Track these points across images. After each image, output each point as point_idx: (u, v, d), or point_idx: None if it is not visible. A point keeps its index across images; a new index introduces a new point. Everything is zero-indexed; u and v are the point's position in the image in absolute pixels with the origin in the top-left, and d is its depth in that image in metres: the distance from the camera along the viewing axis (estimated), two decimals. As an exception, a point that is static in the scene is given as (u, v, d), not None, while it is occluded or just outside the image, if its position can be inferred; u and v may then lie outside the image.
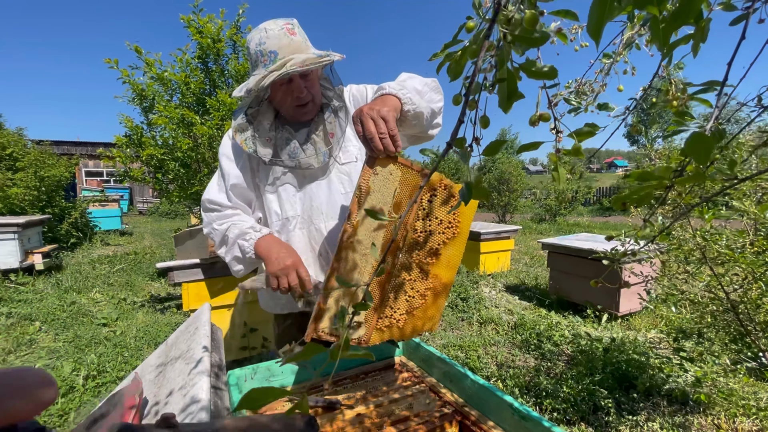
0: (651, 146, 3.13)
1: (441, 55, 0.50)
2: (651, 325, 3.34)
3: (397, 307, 0.98)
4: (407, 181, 0.94)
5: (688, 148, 0.28)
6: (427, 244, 0.98)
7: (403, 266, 0.97)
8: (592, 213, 15.02)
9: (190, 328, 1.27)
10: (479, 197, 0.32)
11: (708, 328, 2.04)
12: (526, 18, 0.31)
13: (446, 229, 1.00)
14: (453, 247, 1.02)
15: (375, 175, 0.89)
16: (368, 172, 0.88)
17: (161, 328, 3.40)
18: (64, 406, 2.20)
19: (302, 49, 1.10)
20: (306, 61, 1.04)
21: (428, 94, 1.14)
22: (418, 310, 1.00)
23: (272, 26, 1.09)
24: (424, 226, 0.98)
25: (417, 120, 1.06)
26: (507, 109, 0.34)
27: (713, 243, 1.72)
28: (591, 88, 0.77)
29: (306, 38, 1.15)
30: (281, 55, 1.07)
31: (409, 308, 0.99)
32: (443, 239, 1.00)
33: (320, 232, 1.21)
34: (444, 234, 1.00)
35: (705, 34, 0.37)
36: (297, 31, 1.12)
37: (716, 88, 0.41)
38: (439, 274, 1.01)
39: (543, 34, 0.32)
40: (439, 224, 0.99)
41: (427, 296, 1.00)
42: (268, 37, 1.08)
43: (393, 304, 0.97)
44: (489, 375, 2.55)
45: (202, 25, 3.55)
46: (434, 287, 1.01)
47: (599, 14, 0.27)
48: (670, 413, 2.07)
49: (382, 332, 0.97)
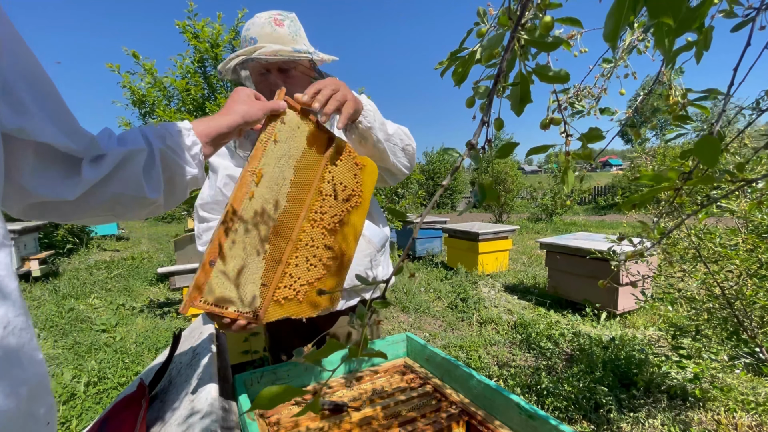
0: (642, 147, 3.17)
1: (447, 63, 0.52)
2: (649, 322, 3.37)
3: (297, 275, 0.88)
4: (314, 139, 0.88)
5: (695, 151, 0.30)
6: (332, 210, 0.93)
7: (306, 232, 0.89)
8: (587, 212, 15.11)
9: (194, 333, 1.27)
10: (491, 199, 0.34)
11: (705, 325, 2.07)
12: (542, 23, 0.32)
13: (350, 196, 0.96)
14: (356, 217, 0.98)
15: (282, 124, 0.82)
16: (276, 120, 0.81)
17: (161, 334, 3.39)
18: (65, 414, 2.18)
19: (284, 41, 1.06)
20: (278, 52, 1.00)
21: (396, 132, 1.13)
22: (319, 282, 0.93)
23: (262, 14, 1.07)
24: (329, 190, 0.92)
25: (363, 139, 1.04)
26: (519, 112, 0.36)
27: (707, 241, 1.74)
28: (590, 93, 0.79)
29: (298, 34, 1.11)
30: (260, 43, 1.04)
31: (311, 278, 0.90)
32: (348, 207, 0.95)
33: None
34: (348, 202, 0.95)
35: (708, 41, 0.39)
36: (287, 24, 1.08)
37: (716, 96, 0.43)
38: (342, 243, 0.96)
39: (556, 39, 0.33)
40: (344, 190, 0.95)
41: (330, 266, 0.93)
42: (253, 24, 1.06)
43: (294, 272, 0.87)
44: (490, 375, 2.56)
45: (198, 29, 3.55)
46: (337, 257, 0.95)
47: (615, 21, 0.28)
48: (671, 409, 2.09)
49: (280, 305, 0.87)
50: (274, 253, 0.85)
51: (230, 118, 0.74)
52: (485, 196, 0.35)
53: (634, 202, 0.34)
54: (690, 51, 0.42)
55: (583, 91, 0.85)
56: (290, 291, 0.87)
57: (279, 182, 0.83)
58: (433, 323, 3.78)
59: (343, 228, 0.95)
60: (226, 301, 0.77)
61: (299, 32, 1.11)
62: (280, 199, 0.84)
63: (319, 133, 0.90)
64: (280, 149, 0.82)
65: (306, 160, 0.87)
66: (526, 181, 14.01)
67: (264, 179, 0.80)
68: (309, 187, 0.89)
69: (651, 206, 2.21)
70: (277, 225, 0.84)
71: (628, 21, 0.27)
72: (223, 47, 3.73)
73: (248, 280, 0.80)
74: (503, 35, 0.37)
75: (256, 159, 0.78)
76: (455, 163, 0.34)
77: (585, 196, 16.04)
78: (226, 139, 0.76)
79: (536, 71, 0.34)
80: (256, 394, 1.08)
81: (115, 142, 0.61)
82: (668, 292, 2.10)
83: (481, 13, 0.52)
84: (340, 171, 0.94)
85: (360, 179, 0.98)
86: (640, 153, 2.95)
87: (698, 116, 0.85)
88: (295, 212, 0.87)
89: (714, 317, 2.01)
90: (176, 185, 0.70)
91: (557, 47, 0.34)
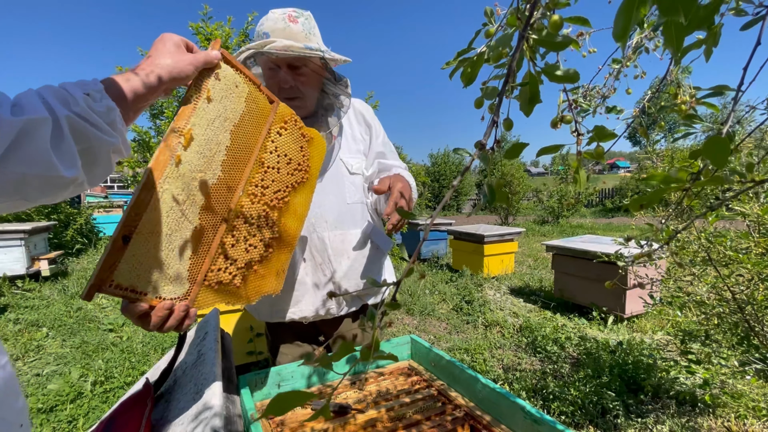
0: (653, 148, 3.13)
1: (454, 63, 0.51)
2: (657, 326, 3.32)
3: (234, 257, 0.77)
4: (255, 102, 0.78)
5: (704, 151, 0.29)
6: (276, 185, 0.83)
7: (245, 207, 0.78)
8: (594, 214, 14.98)
9: (199, 334, 1.28)
10: (501, 200, 0.33)
11: (715, 330, 2.03)
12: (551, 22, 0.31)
13: (295, 171, 0.87)
14: (301, 194, 0.90)
15: (217, 80, 0.71)
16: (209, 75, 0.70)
17: (167, 334, 3.41)
18: (72, 412, 2.20)
19: (297, 38, 1.04)
20: (289, 48, 0.98)
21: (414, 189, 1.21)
22: (260, 265, 0.82)
23: (277, 11, 1.06)
24: (272, 162, 0.83)
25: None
26: (529, 113, 0.35)
27: (718, 245, 1.72)
28: (599, 92, 0.78)
29: (312, 32, 1.09)
30: (272, 38, 1.03)
31: (250, 261, 0.80)
32: (292, 182, 0.86)
33: (322, 241, 1.16)
34: (293, 176, 0.86)
35: (717, 39, 0.38)
36: (301, 21, 1.07)
37: (724, 93, 0.42)
38: (286, 222, 0.87)
39: (565, 38, 0.33)
40: (288, 163, 0.86)
41: (272, 247, 0.84)
42: (267, 19, 1.05)
43: (230, 253, 0.76)
44: (495, 378, 2.54)
45: (210, 32, 3.59)
46: (281, 237, 0.86)
47: (625, 20, 0.28)
48: (679, 416, 2.06)
49: (213, 291, 0.75)
50: (205, 230, 0.72)
51: (152, 75, 0.60)
52: (495, 198, 0.34)
53: (642, 202, 0.33)
54: (699, 49, 0.42)
55: (591, 91, 0.85)
56: (225, 275, 0.75)
57: (212, 148, 0.70)
58: (438, 326, 3.76)
59: (287, 206, 0.86)
60: (144, 286, 0.63)
61: (313, 30, 1.10)
62: (214, 168, 0.72)
63: (261, 96, 0.80)
64: (214, 110, 0.70)
65: (245, 125, 0.76)
66: (532, 183, 13.94)
67: (194, 143, 0.67)
68: (248, 157, 0.78)
69: (659, 208, 2.19)
70: (209, 198, 0.71)
71: (638, 19, 0.27)
72: (232, 50, 3.77)
73: (172, 262, 0.67)
74: (512, 35, 0.36)
75: (184, 117, 0.66)
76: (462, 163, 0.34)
77: (592, 198, 15.92)
78: (150, 100, 0.63)
79: (545, 71, 0.34)
80: (260, 395, 1.08)
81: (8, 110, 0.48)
82: (677, 296, 2.07)
83: (489, 13, 0.52)
84: (285, 141, 0.85)
85: (307, 153, 0.89)
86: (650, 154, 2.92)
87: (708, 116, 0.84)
88: (232, 184, 0.76)
89: (724, 322, 1.98)
90: (96, 158, 0.56)
91: (566, 46, 0.33)
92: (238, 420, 0.87)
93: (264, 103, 0.81)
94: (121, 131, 0.58)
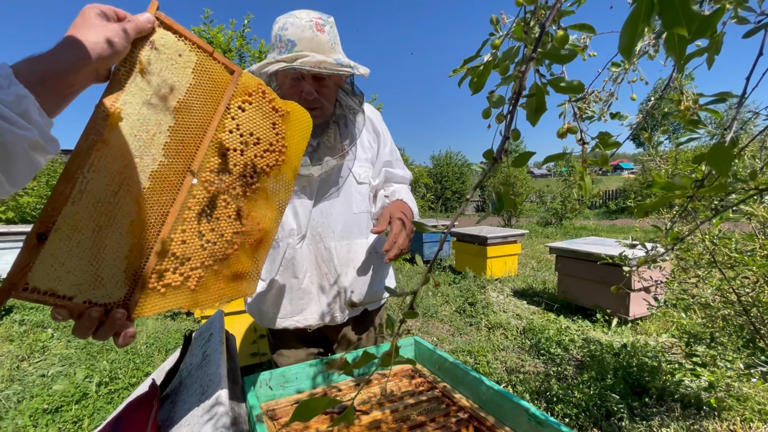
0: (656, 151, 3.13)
1: (461, 70, 0.52)
2: (662, 329, 3.31)
3: (187, 256, 0.67)
4: (206, 73, 0.66)
5: (708, 159, 0.30)
6: (237, 169, 0.72)
7: (198, 198, 0.67)
8: (598, 216, 14.93)
9: (204, 335, 1.29)
10: (508, 207, 0.34)
11: (720, 332, 2.03)
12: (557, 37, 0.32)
13: (266, 152, 0.74)
14: (277, 180, 0.77)
15: (154, 50, 0.60)
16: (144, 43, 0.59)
17: (171, 335, 3.43)
18: (78, 413, 2.22)
19: (324, 49, 1.01)
20: (321, 63, 0.95)
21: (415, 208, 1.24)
22: (222, 265, 0.71)
23: (302, 15, 1.00)
24: (234, 143, 0.71)
25: None
26: (535, 122, 0.36)
27: (723, 247, 1.71)
28: (599, 97, 0.78)
29: (336, 41, 1.06)
30: (299, 47, 0.98)
31: (207, 260, 0.69)
32: (263, 165, 0.74)
33: (329, 251, 1.16)
34: (264, 159, 0.74)
35: (719, 47, 0.38)
36: (327, 30, 1.02)
37: (727, 99, 0.43)
38: (256, 214, 0.75)
39: (571, 51, 0.34)
40: (256, 144, 0.73)
41: (236, 244, 0.73)
42: (293, 25, 0.99)
43: (180, 251, 0.66)
44: (499, 380, 2.54)
45: (212, 36, 3.62)
46: (248, 232, 0.74)
47: (630, 34, 0.28)
48: (685, 419, 2.05)
49: (161, 295, 0.65)
50: (146, 224, 0.62)
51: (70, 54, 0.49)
52: (503, 205, 0.35)
53: (646, 209, 0.33)
54: (701, 57, 0.42)
55: (591, 95, 0.85)
56: (176, 276, 0.66)
57: (150, 129, 0.61)
58: (441, 328, 3.76)
59: (258, 194, 0.75)
60: (69, 290, 0.55)
61: (337, 39, 1.07)
62: (154, 152, 0.62)
63: (216, 66, 0.68)
64: (152, 84, 0.60)
65: (194, 101, 0.66)
66: (535, 184, 13.91)
67: (125, 123, 0.58)
68: (200, 138, 0.67)
69: (664, 210, 2.18)
70: (149, 187, 0.62)
71: (643, 34, 0.27)
72: (233, 53, 3.80)
73: (105, 262, 0.58)
74: (518, 49, 0.37)
75: (112, 95, 0.56)
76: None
77: (596, 200, 15.86)
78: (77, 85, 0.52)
79: (551, 83, 0.34)
80: (265, 396, 1.09)
81: None
82: (682, 299, 2.07)
83: (495, 21, 0.53)
84: (250, 118, 0.73)
85: (281, 130, 0.77)
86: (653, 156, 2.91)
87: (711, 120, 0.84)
88: (179, 171, 0.65)
89: (729, 324, 1.97)
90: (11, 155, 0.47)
91: (572, 59, 0.34)
92: (243, 420, 0.88)
93: (220, 73, 0.68)
94: (39, 123, 0.49)
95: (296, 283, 1.17)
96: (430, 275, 0.32)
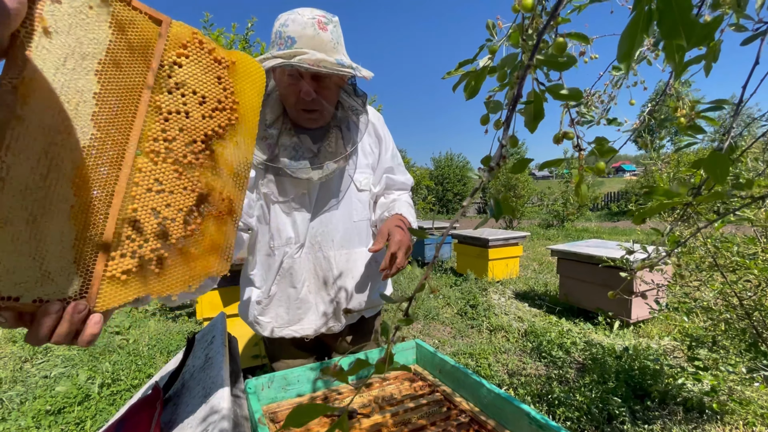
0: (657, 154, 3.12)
1: (456, 74, 0.53)
2: (664, 332, 3.30)
3: (143, 238, 0.59)
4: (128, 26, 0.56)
5: (705, 167, 0.30)
6: (187, 135, 0.63)
7: (145, 171, 0.59)
8: (600, 218, 14.89)
9: (207, 337, 1.29)
10: (507, 213, 0.34)
11: (722, 336, 2.02)
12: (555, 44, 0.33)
13: (215, 111, 0.65)
14: (233, 142, 0.67)
15: (57, 4, 0.50)
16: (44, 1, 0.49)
17: (173, 337, 3.44)
18: (80, 414, 2.23)
19: (326, 48, 0.96)
20: (321, 62, 0.91)
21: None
22: (187, 242, 0.63)
23: (305, 12, 0.97)
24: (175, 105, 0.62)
25: None
26: (533, 129, 0.36)
27: (725, 250, 1.71)
28: (600, 100, 0.79)
29: (339, 42, 1.02)
30: (299, 45, 0.94)
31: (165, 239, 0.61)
32: (213, 127, 0.65)
33: (328, 260, 1.14)
34: (213, 119, 0.65)
35: (716, 54, 0.39)
36: (330, 29, 0.98)
37: (724, 106, 0.43)
38: (215, 182, 0.66)
39: (570, 58, 0.34)
40: (202, 103, 0.64)
41: (199, 218, 0.64)
42: (294, 21, 0.96)
43: (135, 234, 0.58)
44: (500, 383, 2.54)
45: (213, 39, 3.64)
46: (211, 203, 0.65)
47: (629, 44, 0.29)
48: (687, 422, 2.04)
49: (123, 284, 0.58)
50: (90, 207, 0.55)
51: None
52: (501, 211, 0.35)
53: (645, 216, 0.34)
54: (699, 64, 0.42)
55: (593, 96, 0.85)
56: (134, 261, 0.58)
57: (72, 99, 0.52)
58: (443, 330, 3.76)
59: (213, 160, 0.65)
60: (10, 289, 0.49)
61: (340, 39, 1.03)
62: (83, 126, 0.53)
63: (139, 16, 0.57)
64: (62, 45, 0.51)
65: (117, 60, 0.56)
66: (537, 186, 13.89)
67: (40, 95, 0.49)
68: (136, 104, 0.58)
69: (665, 213, 2.18)
70: (84, 164, 0.54)
71: (641, 44, 0.28)
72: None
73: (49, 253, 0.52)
74: (516, 56, 0.37)
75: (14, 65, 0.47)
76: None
77: (598, 202, 15.84)
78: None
79: (549, 90, 0.35)
80: (266, 399, 1.09)
81: None
82: (684, 302, 2.06)
83: (491, 26, 0.53)
84: (189, 74, 0.63)
85: (229, 84, 0.66)
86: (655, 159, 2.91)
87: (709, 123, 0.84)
88: (117, 144, 0.57)
89: (732, 328, 1.97)
90: None
91: (570, 66, 0.34)
92: (245, 423, 0.88)
93: (145, 25, 0.58)
94: None
95: (294, 293, 1.16)
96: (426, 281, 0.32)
